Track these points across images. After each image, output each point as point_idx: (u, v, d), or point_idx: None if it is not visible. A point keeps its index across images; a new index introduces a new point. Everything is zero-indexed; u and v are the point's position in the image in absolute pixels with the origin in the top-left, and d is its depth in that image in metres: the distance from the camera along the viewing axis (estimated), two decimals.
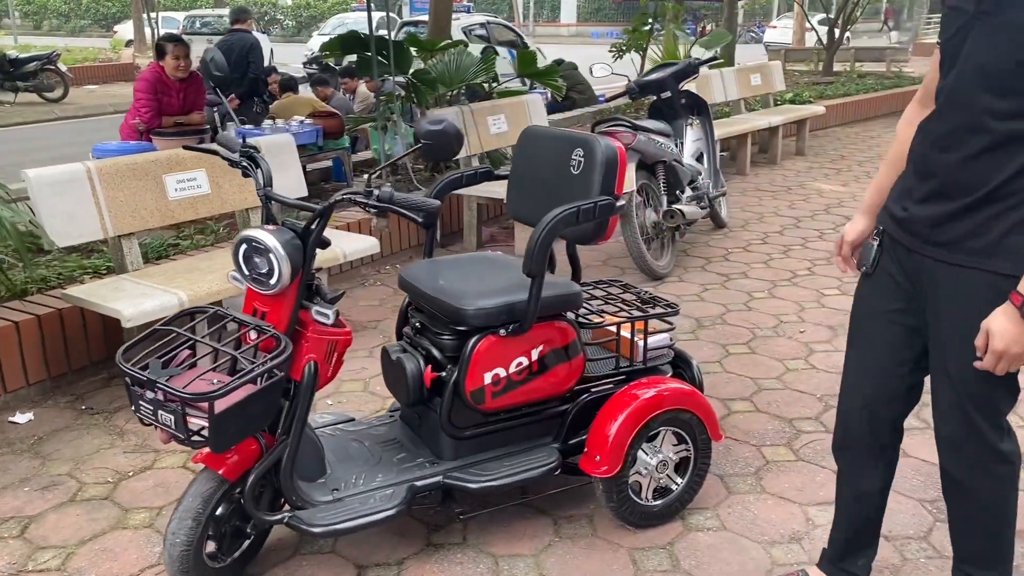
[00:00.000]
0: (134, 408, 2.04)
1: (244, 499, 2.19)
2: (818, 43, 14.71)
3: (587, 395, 2.60)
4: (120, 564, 2.48)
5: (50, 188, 3.44)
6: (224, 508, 2.24)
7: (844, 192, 7.33)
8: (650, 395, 2.53)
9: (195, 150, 2.34)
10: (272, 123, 6.24)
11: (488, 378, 2.37)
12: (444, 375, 2.41)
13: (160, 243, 4.45)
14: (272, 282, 2.12)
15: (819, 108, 9.32)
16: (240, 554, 2.35)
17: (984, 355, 1.71)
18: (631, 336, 2.66)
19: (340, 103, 8.33)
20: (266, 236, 2.10)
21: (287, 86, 8.31)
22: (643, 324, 2.66)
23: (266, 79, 8.44)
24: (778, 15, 37.56)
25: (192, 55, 6.14)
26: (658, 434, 2.58)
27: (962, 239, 1.75)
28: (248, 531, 2.34)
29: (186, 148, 2.38)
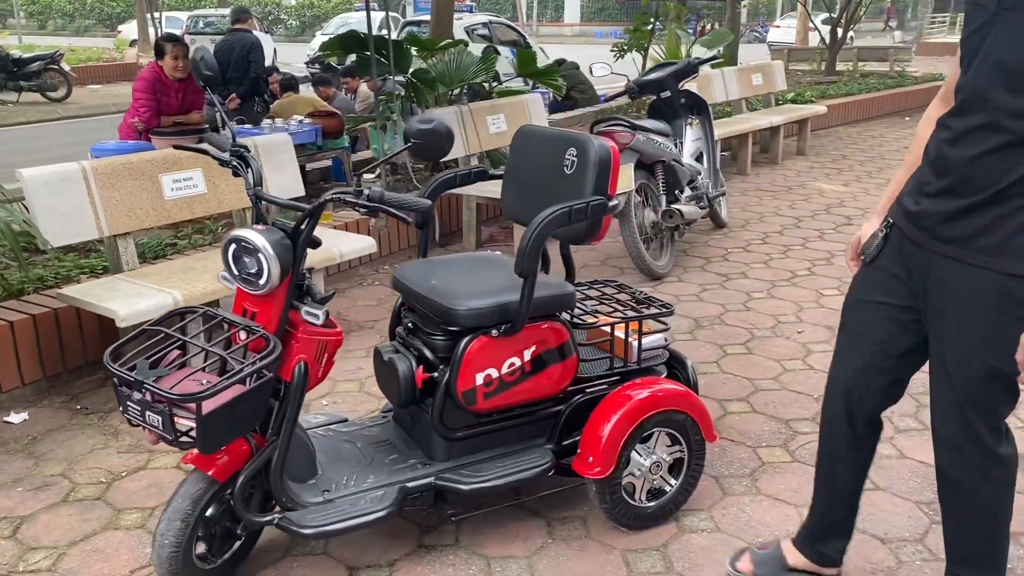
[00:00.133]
0: (122, 409, 2.03)
1: (234, 500, 2.17)
2: (821, 43, 14.67)
3: (581, 396, 2.58)
4: (111, 565, 2.47)
5: (45, 188, 3.43)
6: (214, 509, 2.22)
7: (845, 192, 7.30)
8: (644, 396, 2.51)
9: (185, 149, 2.32)
10: (271, 122, 6.24)
11: (480, 379, 2.35)
12: (436, 376, 2.39)
13: (157, 243, 4.45)
14: (261, 282, 2.10)
15: (821, 108, 9.28)
16: (231, 555, 2.33)
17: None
18: (625, 336, 2.65)
19: (343, 103, 8.34)
20: (255, 236, 2.08)
21: (288, 85, 8.31)
22: (637, 324, 2.65)
23: (267, 78, 8.44)
24: (782, 15, 37.53)
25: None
26: (652, 435, 2.56)
27: (971, 236, 1.75)
28: (238, 532, 2.33)
29: (176, 147, 2.37)
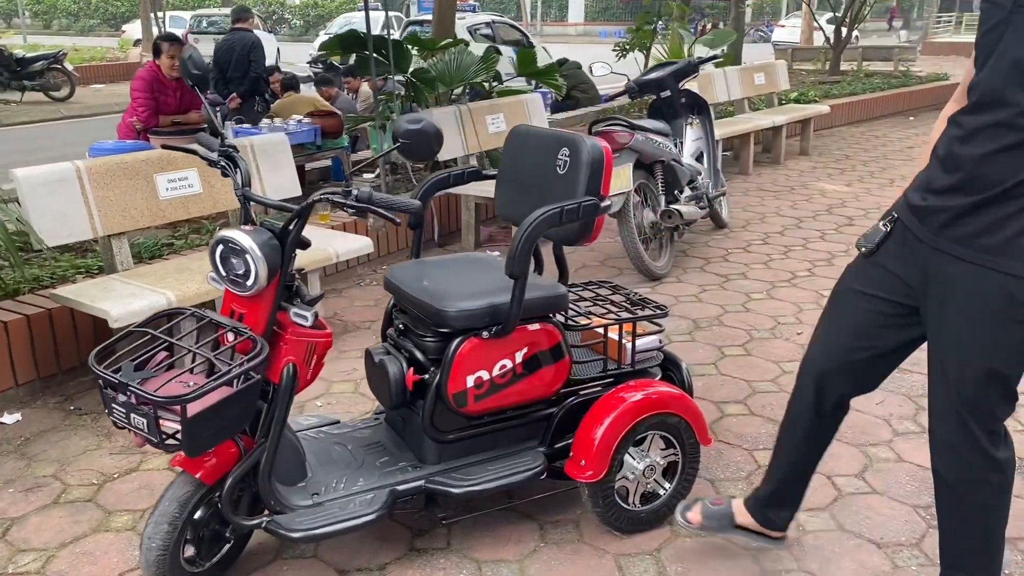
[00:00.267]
0: (108, 411, 2.01)
1: (221, 503, 2.16)
2: (826, 42, 14.61)
3: (574, 398, 2.56)
4: (100, 567, 2.45)
5: (39, 188, 3.41)
6: (202, 512, 2.21)
7: (847, 192, 7.26)
8: (637, 398, 2.48)
9: (174, 149, 2.31)
10: (270, 122, 6.23)
11: (471, 381, 2.33)
12: (427, 378, 2.37)
13: (154, 242, 4.44)
14: (248, 283, 2.08)
15: (823, 107, 9.24)
16: (219, 558, 2.32)
17: None
18: (619, 338, 2.62)
19: (345, 103, 8.32)
20: (242, 237, 2.06)
21: (289, 85, 8.31)
22: (631, 326, 2.63)
23: (267, 78, 8.44)
24: (787, 14, 37.46)
25: (200, 54, 6.13)
26: (645, 438, 2.54)
27: (976, 235, 1.73)
28: (227, 535, 2.31)
29: (165, 147, 2.36)
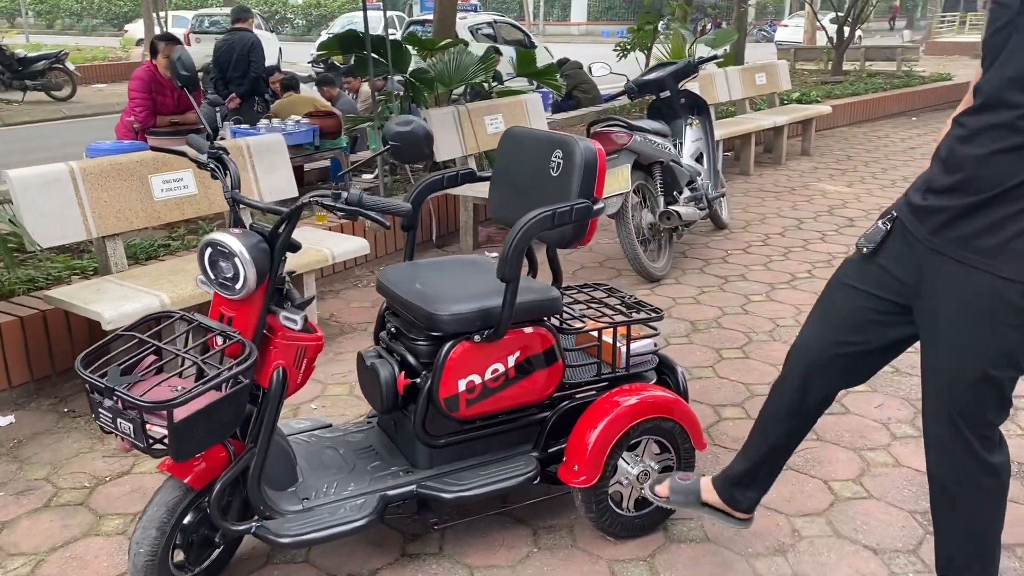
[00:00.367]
0: (94, 416, 1.99)
1: (210, 508, 2.13)
2: (829, 42, 14.56)
3: (567, 402, 2.53)
4: (90, 572, 2.43)
5: (32, 189, 3.39)
6: (192, 517, 2.19)
7: (849, 193, 7.23)
8: (632, 403, 2.46)
9: (162, 151, 2.28)
10: (268, 122, 6.21)
11: (462, 385, 2.31)
12: (418, 382, 2.35)
13: (150, 243, 4.42)
14: (237, 287, 2.06)
15: (825, 108, 9.20)
16: (209, 563, 2.30)
17: None
18: (613, 342, 2.60)
19: (346, 103, 8.29)
20: (231, 240, 2.04)
21: (288, 85, 8.30)
22: (626, 329, 2.60)
23: (267, 78, 8.42)
24: (790, 13, 37.37)
25: (202, 53, 6.13)
26: (639, 443, 2.52)
27: (972, 236, 1.73)
28: (217, 540, 2.29)
29: (154, 149, 2.33)
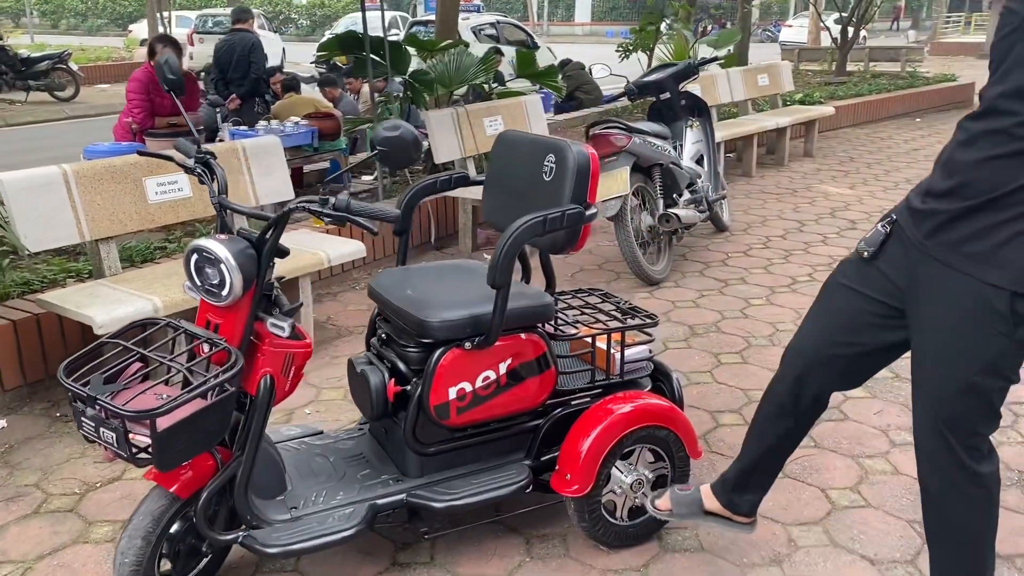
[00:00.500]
0: (77, 425, 1.96)
1: (196, 518, 2.11)
2: (833, 42, 14.49)
3: (560, 410, 2.50)
4: None
5: (24, 192, 3.37)
6: (178, 526, 2.16)
7: (851, 195, 7.18)
8: (625, 410, 2.43)
9: (150, 156, 2.26)
10: (267, 124, 6.19)
11: (453, 393, 2.28)
12: (408, 389, 2.32)
13: (146, 246, 4.39)
14: (223, 293, 2.03)
15: (828, 109, 9.15)
16: (196, 573, 2.27)
17: None
18: (607, 348, 2.56)
19: (349, 104, 8.28)
20: (217, 246, 2.02)
21: (289, 86, 8.28)
22: (620, 336, 2.57)
23: (268, 79, 8.41)
24: (795, 14, 37.26)
25: (205, 54, 6.11)
26: (633, 451, 2.48)
27: (963, 241, 1.72)
28: (204, 550, 2.26)
29: (140, 153, 2.30)
